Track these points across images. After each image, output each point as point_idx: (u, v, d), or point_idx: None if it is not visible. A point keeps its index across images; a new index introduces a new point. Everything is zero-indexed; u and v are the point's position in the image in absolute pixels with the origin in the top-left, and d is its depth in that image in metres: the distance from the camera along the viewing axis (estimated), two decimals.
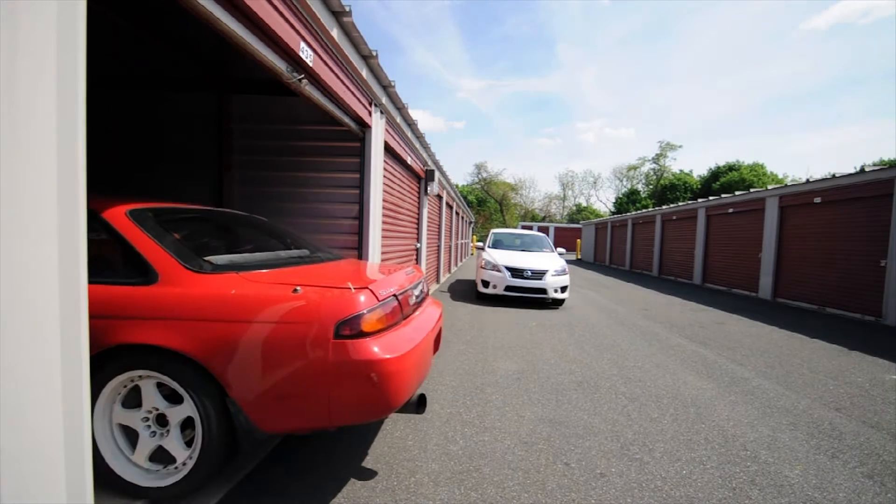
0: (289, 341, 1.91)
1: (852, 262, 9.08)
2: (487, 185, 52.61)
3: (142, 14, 4.26)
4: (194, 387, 1.92)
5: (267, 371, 1.91)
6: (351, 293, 2.03)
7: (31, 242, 1.29)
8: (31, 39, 1.25)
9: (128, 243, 2.10)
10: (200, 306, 1.95)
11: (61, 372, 1.39)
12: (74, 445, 1.46)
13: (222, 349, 1.90)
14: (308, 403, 1.93)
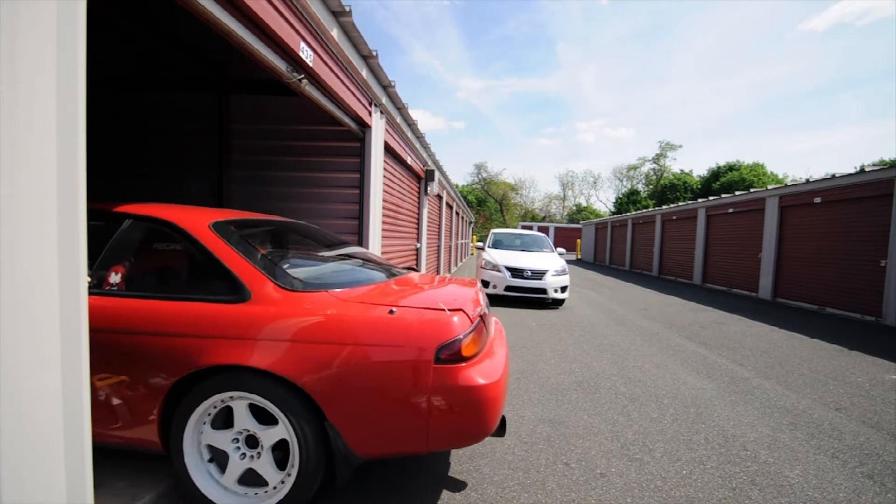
0: (388, 365, 1.86)
1: (852, 262, 9.07)
2: (487, 185, 52.61)
3: (142, 14, 4.26)
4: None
5: (366, 395, 1.86)
6: (447, 316, 1.98)
7: (31, 243, 1.29)
8: (31, 39, 1.25)
9: (217, 260, 2.05)
10: (298, 327, 1.89)
11: (61, 372, 1.39)
12: (74, 445, 1.46)
13: (322, 372, 1.84)
14: (406, 428, 1.88)
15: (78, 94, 1.38)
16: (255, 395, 1.88)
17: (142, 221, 2.23)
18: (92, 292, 2.01)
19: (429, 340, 1.88)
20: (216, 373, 1.89)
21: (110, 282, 2.09)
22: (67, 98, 1.35)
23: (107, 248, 2.16)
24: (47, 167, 1.31)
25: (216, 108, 5.85)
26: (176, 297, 2.02)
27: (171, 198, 6.77)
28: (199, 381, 1.91)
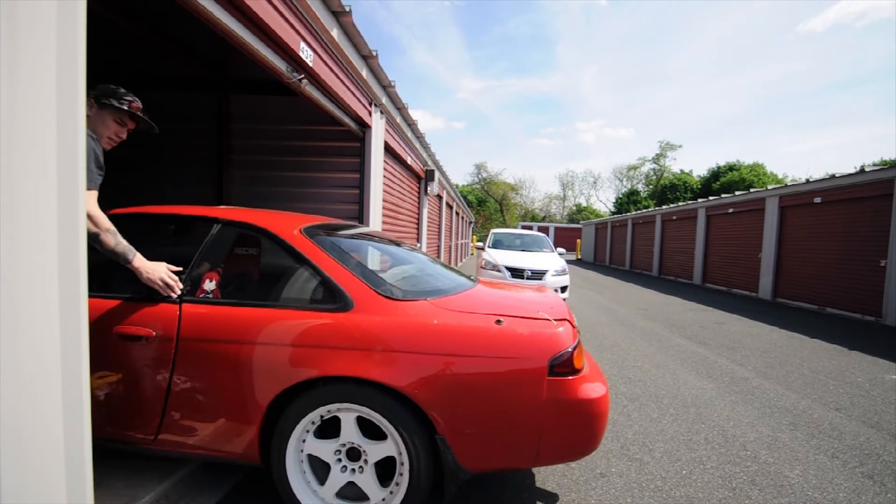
0: (501, 377, 1.80)
1: (852, 262, 9.07)
2: (487, 185, 52.61)
3: (142, 14, 4.25)
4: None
5: (478, 408, 1.80)
6: (554, 326, 1.92)
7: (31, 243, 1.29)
8: (31, 39, 1.25)
9: (315, 267, 2.00)
10: (406, 337, 1.83)
11: (61, 372, 1.39)
12: (74, 445, 1.46)
13: (433, 384, 1.77)
14: (518, 442, 1.82)
15: (78, 94, 1.38)
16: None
17: (231, 227, 2.18)
18: (185, 300, 1.99)
19: (542, 352, 1.81)
20: (322, 384, 1.83)
21: (205, 289, 2.04)
22: (67, 98, 1.35)
23: (197, 254, 2.12)
24: (47, 167, 1.31)
25: (216, 108, 5.85)
26: (274, 305, 1.97)
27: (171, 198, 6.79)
28: (305, 392, 1.85)
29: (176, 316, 1.94)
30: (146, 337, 1.92)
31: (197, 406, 1.94)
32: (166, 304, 1.98)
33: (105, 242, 1.71)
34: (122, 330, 1.94)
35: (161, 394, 1.94)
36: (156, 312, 1.96)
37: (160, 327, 1.93)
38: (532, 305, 2.20)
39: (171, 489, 2.13)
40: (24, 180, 1.25)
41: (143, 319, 1.95)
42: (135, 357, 1.95)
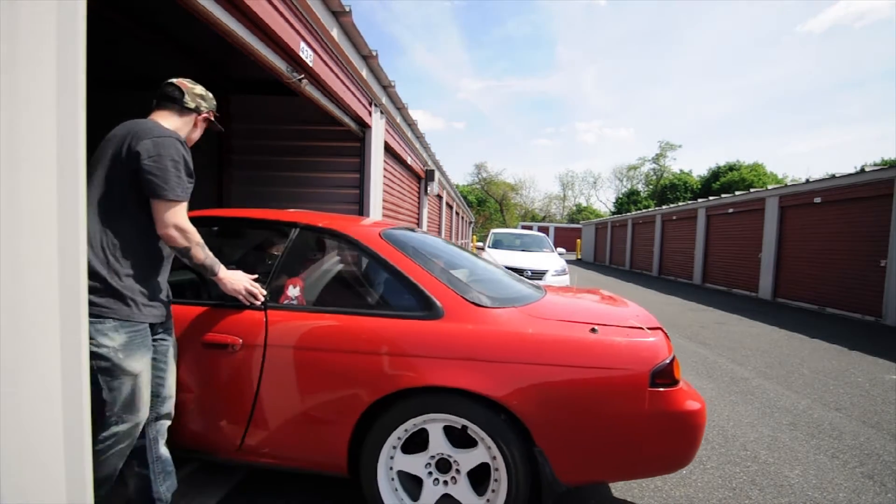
0: (600, 388, 1.74)
1: (852, 262, 9.07)
2: (487, 185, 52.61)
3: (142, 14, 4.25)
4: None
5: (576, 420, 1.75)
6: (650, 335, 1.87)
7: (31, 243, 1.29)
8: (31, 39, 1.25)
9: (401, 273, 1.95)
10: (502, 346, 1.77)
11: (61, 372, 1.39)
12: (74, 446, 1.46)
13: (532, 395, 1.72)
14: (616, 455, 1.79)
15: (78, 94, 1.38)
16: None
17: (310, 232, 2.14)
18: (270, 306, 1.94)
19: (642, 362, 1.75)
20: (416, 394, 1.78)
21: (289, 295, 1.99)
22: (67, 98, 1.35)
23: (279, 259, 2.08)
24: (47, 167, 1.31)
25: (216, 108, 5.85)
26: (362, 312, 1.93)
27: None
28: (398, 402, 1.79)
29: (262, 323, 1.89)
30: (233, 345, 1.87)
31: (284, 415, 1.89)
32: (252, 311, 1.93)
33: (195, 256, 1.66)
34: (208, 338, 1.90)
35: (247, 403, 1.88)
36: (242, 320, 1.91)
37: (247, 335, 1.88)
38: (619, 313, 2.15)
39: None
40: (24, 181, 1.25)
41: (229, 327, 1.90)
42: (221, 365, 1.90)
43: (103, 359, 1.51)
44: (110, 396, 1.53)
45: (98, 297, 1.51)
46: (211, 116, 1.87)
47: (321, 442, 1.88)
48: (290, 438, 1.90)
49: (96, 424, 1.51)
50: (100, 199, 1.54)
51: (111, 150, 1.57)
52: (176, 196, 1.57)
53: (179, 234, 1.58)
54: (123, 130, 1.59)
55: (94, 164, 1.56)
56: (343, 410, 1.82)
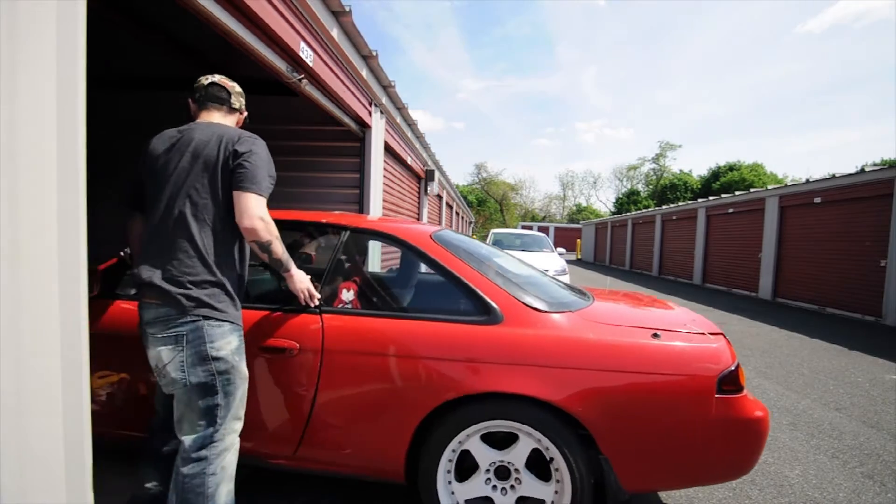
0: (666, 395, 1.71)
1: (852, 262, 9.07)
2: (487, 185, 52.60)
3: (142, 14, 4.25)
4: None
5: (642, 427, 1.72)
6: (714, 341, 1.83)
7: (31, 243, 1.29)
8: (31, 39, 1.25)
9: (456, 276, 1.92)
10: (565, 352, 1.74)
11: (61, 372, 1.39)
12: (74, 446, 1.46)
13: (596, 402, 1.69)
14: (680, 463, 1.76)
15: (78, 94, 1.38)
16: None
17: (360, 234, 2.09)
18: (324, 310, 1.91)
19: (709, 369, 1.71)
20: (477, 400, 1.75)
21: (343, 299, 1.96)
22: (67, 98, 1.35)
23: (330, 262, 2.04)
24: (47, 167, 1.31)
25: None
26: (419, 317, 1.88)
27: None
28: (457, 409, 1.76)
29: (319, 327, 1.86)
30: (290, 349, 1.84)
31: (342, 421, 1.86)
32: (307, 315, 1.89)
33: (275, 251, 1.62)
34: (265, 342, 1.85)
35: (304, 408, 1.85)
36: (298, 324, 1.88)
37: (304, 339, 1.84)
38: (674, 318, 2.11)
39: None
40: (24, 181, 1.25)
41: (286, 331, 1.87)
42: (277, 370, 1.87)
43: (224, 362, 1.50)
44: (225, 401, 1.51)
45: (217, 301, 1.50)
46: (244, 114, 1.88)
47: (379, 448, 1.84)
48: (347, 445, 1.87)
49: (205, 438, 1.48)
50: (204, 206, 1.53)
51: (205, 157, 1.54)
52: (262, 190, 1.57)
53: (264, 225, 1.55)
54: (207, 136, 1.57)
55: (179, 174, 1.54)
56: (403, 416, 1.78)
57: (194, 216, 1.51)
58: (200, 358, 1.46)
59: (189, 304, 1.45)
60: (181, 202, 1.52)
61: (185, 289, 1.46)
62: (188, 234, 1.50)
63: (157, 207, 1.56)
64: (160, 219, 1.55)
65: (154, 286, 1.47)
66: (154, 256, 1.53)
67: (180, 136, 1.59)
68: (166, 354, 1.46)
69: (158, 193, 1.57)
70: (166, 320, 1.46)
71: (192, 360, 1.45)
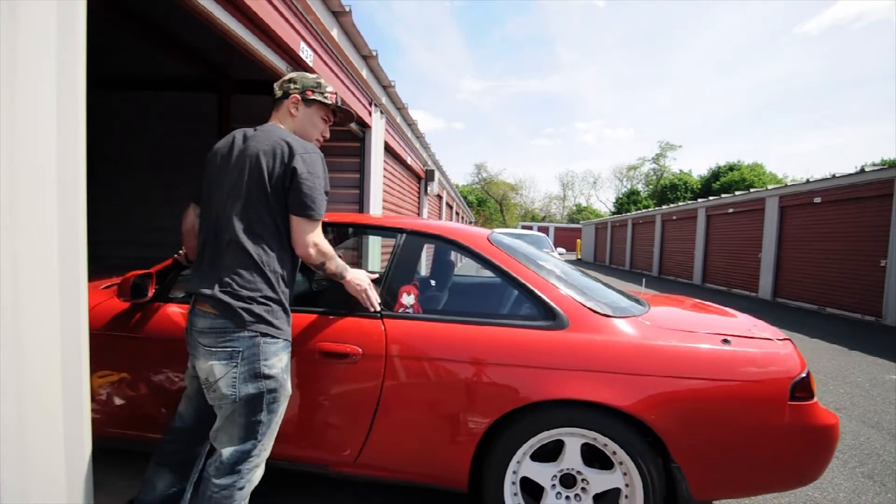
0: (738, 402, 1.68)
1: (852, 262, 9.07)
2: (487, 185, 52.60)
3: (142, 14, 4.25)
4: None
5: (714, 434, 1.69)
6: (784, 346, 1.80)
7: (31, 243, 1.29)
8: (31, 39, 1.25)
9: (518, 280, 1.88)
10: (635, 358, 1.71)
11: (61, 372, 1.39)
12: (74, 445, 1.46)
13: (669, 409, 1.66)
14: (750, 470, 1.72)
15: (78, 94, 1.38)
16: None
17: (417, 237, 2.05)
18: (385, 314, 1.87)
19: (781, 375, 1.69)
20: (546, 407, 1.72)
21: (403, 303, 1.92)
22: (67, 98, 1.35)
23: (389, 266, 2.00)
24: (47, 167, 1.31)
25: (217, 109, 5.85)
26: (482, 322, 1.84)
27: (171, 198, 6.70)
28: (527, 415, 1.73)
29: (381, 332, 1.82)
30: (353, 355, 1.80)
31: (406, 428, 1.82)
32: (369, 319, 1.85)
33: (328, 269, 1.60)
34: (327, 347, 1.82)
35: (367, 414, 1.81)
36: (360, 329, 1.84)
37: (367, 344, 1.80)
38: (738, 323, 2.08)
39: None
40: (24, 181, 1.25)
41: (348, 336, 1.82)
42: (339, 376, 1.83)
43: (274, 380, 1.46)
44: (268, 418, 1.47)
45: (274, 317, 1.47)
46: (309, 95, 1.64)
47: (444, 456, 1.80)
48: (410, 452, 1.84)
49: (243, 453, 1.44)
50: (259, 220, 1.47)
51: (261, 170, 1.47)
52: (320, 216, 1.52)
53: (317, 252, 1.53)
54: (265, 146, 1.49)
55: (236, 182, 1.48)
56: (469, 424, 1.75)
57: (251, 229, 1.46)
58: (253, 375, 1.42)
59: (249, 319, 1.41)
60: (238, 212, 1.46)
61: (246, 303, 1.42)
62: (247, 247, 1.44)
63: (213, 211, 1.52)
64: (216, 225, 1.50)
65: (214, 298, 1.42)
66: (211, 265, 1.49)
67: (243, 142, 1.54)
68: (219, 369, 1.41)
69: (214, 196, 1.53)
70: (222, 332, 1.42)
71: (245, 377, 1.41)
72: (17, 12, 1.22)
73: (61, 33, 1.32)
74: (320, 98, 1.66)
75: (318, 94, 1.65)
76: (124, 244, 6.09)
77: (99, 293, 2.12)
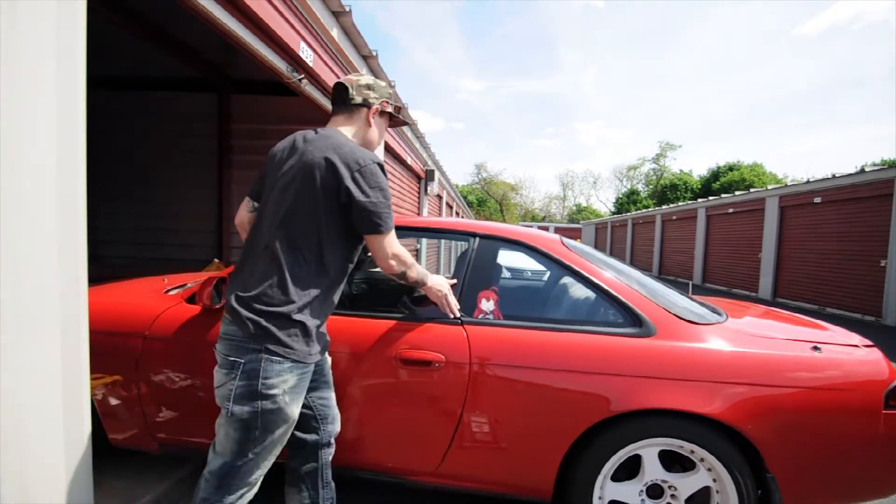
0: (833, 410, 1.64)
1: (852, 262, 9.08)
2: (487, 185, 52.61)
3: (142, 14, 4.25)
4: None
5: (808, 443, 1.65)
6: (871, 353, 1.76)
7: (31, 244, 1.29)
8: (31, 39, 1.25)
9: (603, 287, 1.83)
10: (728, 366, 1.66)
11: (62, 373, 1.39)
12: (74, 445, 1.46)
13: (765, 418, 1.62)
14: (843, 479, 1.70)
15: (78, 94, 1.38)
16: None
17: (490, 241, 2.00)
18: (465, 321, 1.82)
19: (875, 382, 1.65)
20: (637, 416, 1.67)
21: (483, 309, 1.87)
22: (67, 98, 1.35)
23: (465, 271, 1.95)
24: (47, 167, 1.31)
25: (216, 109, 5.85)
26: (566, 328, 1.79)
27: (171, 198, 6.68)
28: (618, 425, 1.68)
29: (464, 339, 1.76)
30: (436, 362, 1.74)
31: (490, 437, 1.77)
32: (449, 325, 1.80)
33: (409, 277, 1.56)
34: (407, 354, 1.76)
35: (450, 423, 1.76)
36: (442, 335, 1.78)
37: (449, 351, 1.75)
38: (824, 331, 2.03)
39: (172, 489, 2.13)
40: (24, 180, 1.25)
41: (430, 343, 1.77)
42: (421, 384, 1.78)
43: (271, 401, 1.36)
44: (262, 437, 1.38)
45: (285, 334, 1.36)
46: (387, 108, 1.60)
47: (529, 466, 1.76)
48: (494, 462, 1.79)
49: (232, 468, 1.39)
50: (302, 234, 1.40)
51: (315, 180, 1.39)
52: (390, 227, 1.47)
53: (398, 262, 1.50)
54: (322, 154, 1.40)
55: (286, 189, 1.41)
56: (557, 433, 1.71)
57: (291, 241, 1.38)
58: (249, 392, 1.35)
59: (256, 332, 1.34)
60: (281, 220, 1.39)
61: (256, 315, 1.34)
62: (277, 257, 1.37)
63: (262, 213, 1.48)
64: (258, 231, 1.46)
65: (229, 304, 1.38)
66: (243, 269, 1.44)
67: (300, 146, 1.47)
68: (219, 377, 1.38)
69: (262, 204, 1.49)
70: (231, 340, 1.37)
71: (240, 393, 1.35)
72: (17, 12, 1.22)
73: (61, 33, 1.32)
74: (391, 111, 1.63)
75: (391, 107, 1.63)
76: (124, 244, 6.09)
77: (165, 299, 2.09)
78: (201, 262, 5.70)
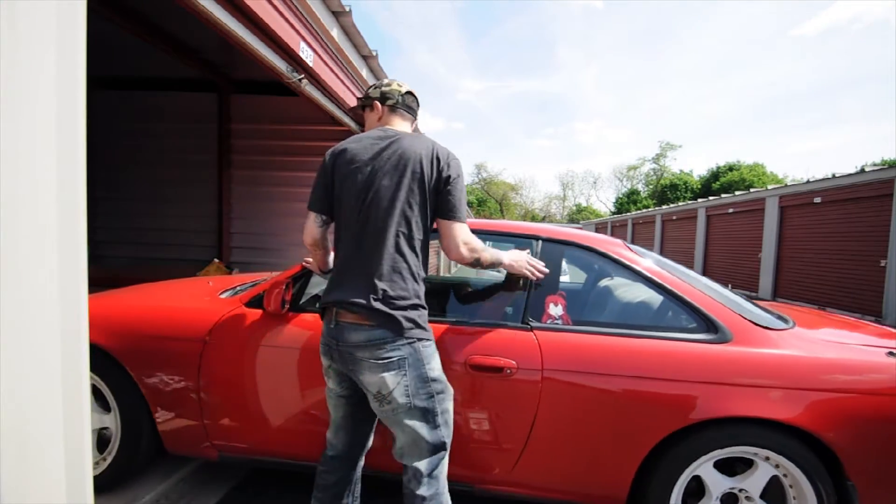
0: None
1: (852, 262, 9.07)
2: (487, 185, 52.60)
3: (142, 14, 4.26)
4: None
5: (887, 450, 1.63)
6: None
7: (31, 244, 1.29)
8: (30, 39, 1.26)
9: (674, 292, 1.81)
10: (809, 373, 1.64)
11: (61, 372, 1.39)
12: (74, 445, 1.47)
13: (844, 425, 1.60)
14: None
15: (78, 94, 1.38)
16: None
17: (553, 244, 1.97)
18: (535, 326, 1.80)
19: None
20: (715, 424, 1.64)
21: (551, 314, 1.85)
22: (67, 98, 1.35)
23: None
24: (47, 168, 1.31)
25: (216, 109, 5.85)
26: (639, 334, 1.76)
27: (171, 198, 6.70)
28: (695, 433, 1.65)
29: (535, 345, 1.74)
30: (507, 369, 1.72)
31: (563, 446, 1.74)
32: (518, 331, 1.79)
33: (483, 261, 1.57)
34: (478, 360, 1.74)
35: (522, 431, 1.74)
36: (512, 341, 1.77)
37: (521, 358, 1.73)
38: (886, 336, 2.02)
39: (172, 489, 2.13)
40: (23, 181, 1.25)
41: (501, 349, 1.75)
42: (491, 390, 1.75)
43: (439, 382, 1.46)
44: (442, 419, 1.46)
45: (424, 321, 1.46)
46: None
47: (604, 475, 1.74)
48: (566, 470, 1.77)
49: (435, 460, 1.44)
50: (415, 224, 1.46)
51: (419, 174, 1.45)
52: (465, 216, 1.54)
53: (470, 250, 1.52)
54: (418, 149, 1.49)
55: (388, 186, 1.44)
56: (632, 441, 1.68)
57: (407, 235, 1.44)
58: (422, 381, 1.41)
59: (408, 326, 1.40)
60: (392, 219, 1.42)
61: (403, 311, 1.40)
62: (401, 252, 1.42)
63: (358, 219, 1.46)
64: (363, 233, 1.45)
65: (371, 308, 1.39)
66: (359, 274, 1.44)
67: (386, 145, 1.50)
68: (391, 380, 1.38)
69: (359, 205, 1.47)
70: (382, 343, 1.38)
71: (416, 384, 1.40)
72: (17, 12, 1.22)
73: (61, 33, 1.32)
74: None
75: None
76: (124, 244, 6.10)
77: (221, 303, 2.07)
78: (201, 262, 5.71)
